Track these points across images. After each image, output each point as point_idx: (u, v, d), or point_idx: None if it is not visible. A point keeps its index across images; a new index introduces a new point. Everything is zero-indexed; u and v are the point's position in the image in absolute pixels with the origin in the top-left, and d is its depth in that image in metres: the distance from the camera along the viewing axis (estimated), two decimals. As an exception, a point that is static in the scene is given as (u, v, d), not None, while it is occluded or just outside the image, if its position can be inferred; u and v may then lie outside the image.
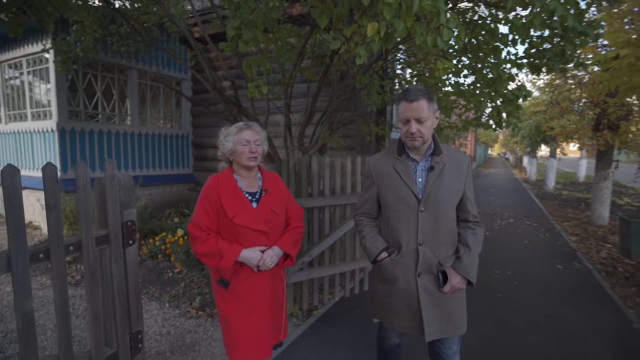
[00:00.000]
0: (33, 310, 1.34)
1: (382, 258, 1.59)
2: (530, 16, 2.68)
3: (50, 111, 5.14)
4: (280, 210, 1.77)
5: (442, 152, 1.56)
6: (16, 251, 1.27)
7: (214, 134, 7.32)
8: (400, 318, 1.60)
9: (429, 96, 1.47)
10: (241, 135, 1.69)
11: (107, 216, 1.57)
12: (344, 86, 4.09)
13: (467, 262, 1.52)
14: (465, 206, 1.59)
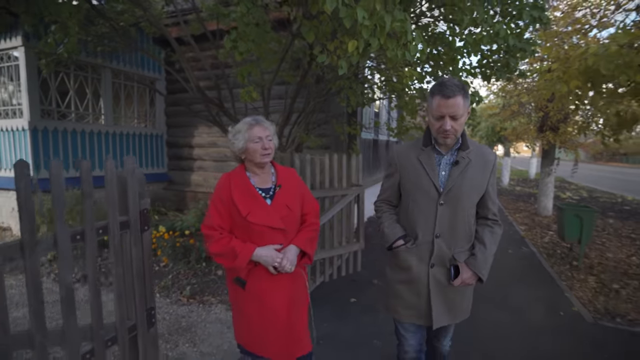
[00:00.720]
0: (72, 282, 1.56)
1: (398, 245, 1.59)
2: (480, 35, 3.16)
3: (21, 109, 5.05)
4: (296, 206, 1.71)
5: (469, 148, 1.53)
6: (61, 232, 1.49)
7: (189, 134, 7.44)
8: (406, 307, 1.61)
9: (465, 92, 1.42)
10: (252, 132, 1.63)
11: (128, 204, 1.80)
12: (320, 89, 4.44)
13: (481, 260, 1.52)
14: (486, 204, 1.58)
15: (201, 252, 4.04)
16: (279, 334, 1.66)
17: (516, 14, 3.10)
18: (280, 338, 1.67)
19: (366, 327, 2.87)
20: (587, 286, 3.81)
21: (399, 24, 2.17)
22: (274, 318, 1.65)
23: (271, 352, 1.68)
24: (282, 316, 1.66)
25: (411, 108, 4.48)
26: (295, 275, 1.70)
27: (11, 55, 5.10)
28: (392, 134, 6.07)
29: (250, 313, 1.67)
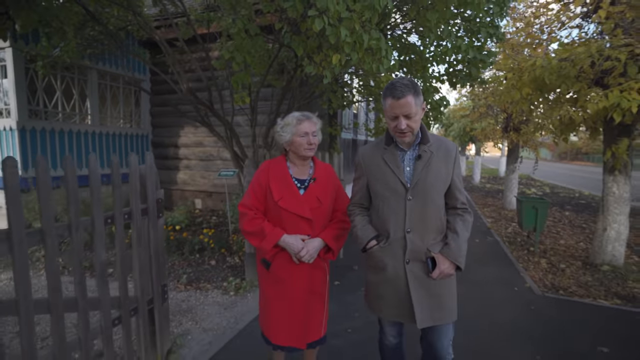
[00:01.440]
0: (106, 260, 1.86)
1: (371, 246, 1.61)
2: (445, 47, 3.62)
3: (8, 110, 5.12)
4: (327, 200, 1.76)
5: (430, 141, 1.55)
6: (97, 216, 1.78)
7: (174, 134, 7.63)
8: (390, 306, 1.61)
9: (415, 90, 1.44)
10: (300, 127, 1.70)
11: (147, 194, 2.10)
12: (303, 92, 4.80)
13: (455, 248, 1.52)
14: (453, 193, 1.59)
15: (194, 245, 4.31)
16: (293, 319, 1.73)
17: (475, 31, 3.58)
18: (293, 323, 1.73)
19: (348, 304, 3.26)
20: (540, 267, 4.36)
21: (374, 42, 2.57)
22: (290, 303, 1.72)
23: (283, 338, 1.75)
24: (298, 303, 1.73)
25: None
26: (316, 268, 1.76)
27: (-3, 55, 5.17)
28: (370, 134, 6.51)
29: (271, 295, 1.76)
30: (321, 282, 1.79)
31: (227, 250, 4.36)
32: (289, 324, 1.74)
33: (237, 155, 4.96)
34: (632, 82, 3.10)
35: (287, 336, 1.75)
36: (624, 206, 4.01)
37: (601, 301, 3.38)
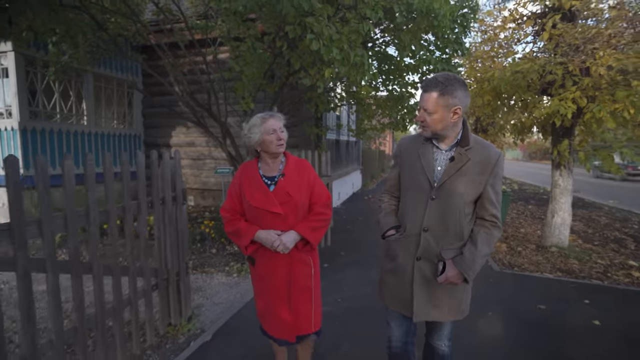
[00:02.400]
0: (147, 235, 2.30)
1: (389, 235, 1.63)
2: (418, 60, 4.21)
3: (10, 111, 5.35)
4: (298, 194, 1.77)
5: (470, 145, 1.49)
6: (142, 200, 2.22)
7: (166, 134, 7.99)
8: (392, 295, 1.64)
9: (443, 89, 1.41)
10: (267, 125, 1.74)
11: (176, 185, 2.55)
12: (293, 96, 5.29)
13: (468, 259, 1.47)
14: (484, 204, 1.51)
15: (195, 235, 4.72)
16: (278, 313, 1.80)
17: (443, 47, 4.19)
18: (280, 317, 1.81)
19: (337, 282, 3.78)
20: (500, 250, 5.03)
21: (359, 58, 3.11)
22: (273, 298, 1.81)
23: (273, 329, 1.85)
24: (281, 298, 1.79)
25: (368, 113, 5.48)
26: (300, 263, 1.81)
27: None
28: (352, 134, 7.08)
29: (259, 289, 1.88)
30: (306, 276, 1.81)
31: (225, 239, 4.80)
32: (276, 317, 1.81)
33: (232, 155, 5.39)
34: (567, 92, 3.78)
35: (276, 329, 1.83)
36: (568, 196, 4.73)
37: (546, 274, 4.06)
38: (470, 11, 4.12)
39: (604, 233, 6.07)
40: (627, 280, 3.88)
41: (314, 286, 1.84)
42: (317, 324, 1.88)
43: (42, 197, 1.63)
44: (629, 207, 8.89)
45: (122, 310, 2.10)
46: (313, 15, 2.75)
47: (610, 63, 3.44)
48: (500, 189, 1.53)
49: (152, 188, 2.34)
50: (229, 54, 5.71)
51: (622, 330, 2.80)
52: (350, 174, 10.42)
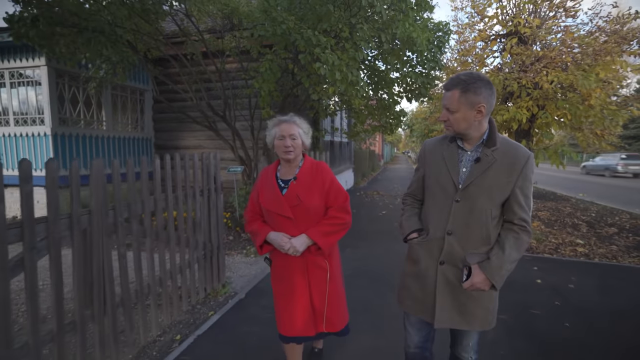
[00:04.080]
0: (199, 217, 3.06)
1: (411, 238, 1.59)
2: (402, 75, 5.05)
3: (42, 118, 6.00)
4: (309, 197, 1.75)
5: (496, 145, 1.44)
6: (197, 189, 2.98)
7: (175, 137, 8.78)
8: (413, 299, 1.59)
9: (465, 87, 1.37)
10: (278, 130, 1.75)
11: (216, 177, 3.31)
12: (296, 103, 6.08)
13: (495, 265, 1.41)
14: (512, 207, 1.44)
15: (213, 225, 5.46)
16: (298, 308, 1.82)
17: (422, 64, 5.04)
18: (300, 311, 1.82)
19: (338, 259, 4.59)
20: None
21: (355, 78, 3.91)
22: (293, 296, 1.82)
23: (291, 327, 1.85)
24: (303, 294, 1.81)
25: (361, 118, 6.31)
26: (315, 267, 1.81)
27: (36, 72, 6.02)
28: (346, 136, 7.89)
29: (277, 290, 1.91)
30: (321, 280, 1.81)
31: (240, 228, 5.55)
32: (296, 314, 1.83)
33: (242, 157, 6.13)
34: (522, 102, 4.67)
35: (295, 325, 1.83)
36: (529, 187, 5.64)
37: (509, 251, 4.93)
38: (444, 34, 4.97)
39: (565, 220, 7.01)
40: (571, 254, 4.78)
41: (329, 289, 1.84)
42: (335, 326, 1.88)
43: (97, 191, 2.37)
44: (592, 199, 9.94)
45: (183, 271, 2.86)
46: (319, 46, 3.55)
47: (552, 79, 4.33)
48: (530, 192, 1.45)
49: (204, 181, 3.10)
50: (235, 65, 6.49)
51: (556, 285, 3.67)
52: (343, 172, 11.25)
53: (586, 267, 4.28)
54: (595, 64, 4.23)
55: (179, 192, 2.77)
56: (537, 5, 5.02)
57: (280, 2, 3.91)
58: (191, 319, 2.97)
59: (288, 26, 3.53)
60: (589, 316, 2.99)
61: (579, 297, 3.39)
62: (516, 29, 4.87)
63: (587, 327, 2.81)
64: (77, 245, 1.89)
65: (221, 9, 4.41)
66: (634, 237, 5.65)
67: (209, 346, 2.55)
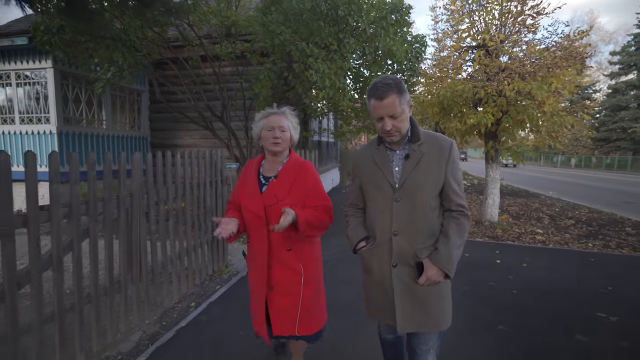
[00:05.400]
0: (211, 206, 3.56)
1: (360, 247, 1.57)
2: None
3: (48, 117, 6.34)
4: (287, 197, 1.70)
5: (421, 139, 1.47)
6: (207, 180, 3.48)
7: (171, 136, 9.23)
8: (378, 309, 1.58)
9: (399, 88, 1.38)
10: (268, 121, 1.70)
11: (222, 171, 3.81)
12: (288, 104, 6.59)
13: (445, 254, 1.42)
14: (448, 194, 1.47)
15: (212, 217, 5.94)
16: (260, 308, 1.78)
17: (401, 72, 5.64)
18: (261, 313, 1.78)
19: (323, 246, 5.13)
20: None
21: (342, 84, 4.48)
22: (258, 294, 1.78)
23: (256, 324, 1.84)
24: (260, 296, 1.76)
25: (347, 120, 6.89)
26: (288, 268, 1.75)
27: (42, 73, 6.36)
28: (333, 137, 8.45)
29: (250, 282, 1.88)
30: (294, 283, 1.75)
31: (236, 220, 6.03)
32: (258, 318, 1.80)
33: (236, 155, 6.62)
34: (488, 107, 5.33)
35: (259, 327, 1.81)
36: (496, 183, 6.31)
37: (477, 239, 5.59)
38: (421, 46, 5.59)
39: (531, 214, 7.76)
40: (530, 241, 5.47)
41: (303, 293, 1.77)
42: (309, 329, 1.81)
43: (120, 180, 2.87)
44: (560, 196, 10.81)
45: (196, 250, 3.36)
46: (312, 57, 4.09)
47: (514, 87, 4.99)
48: (460, 178, 1.50)
49: (212, 174, 3.60)
50: (229, 68, 6.97)
51: (511, 265, 4.32)
52: (330, 171, 11.83)
53: (540, 251, 4.97)
54: (549, 75, 4.92)
55: (193, 182, 3.27)
56: (502, 21, 5.70)
57: (276, 17, 4.43)
58: (201, 291, 3.47)
59: (285, 38, 4.06)
60: (533, 286, 3.63)
61: (528, 273, 4.04)
62: (484, 42, 5.52)
63: (530, 293, 3.44)
64: (122, 221, 2.38)
65: (222, 21, 4.88)
66: (587, 227, 6.41)
67: (220, 310, 3.06)
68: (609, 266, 4.28)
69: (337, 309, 3.01)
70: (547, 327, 2.77)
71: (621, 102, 32.27)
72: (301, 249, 1.77)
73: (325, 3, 3.95)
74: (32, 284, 1.80)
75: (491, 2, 5.49)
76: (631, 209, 8.54)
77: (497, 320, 2.85)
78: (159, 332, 2.71)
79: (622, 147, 32.50)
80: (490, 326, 2.78)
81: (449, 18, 6.11)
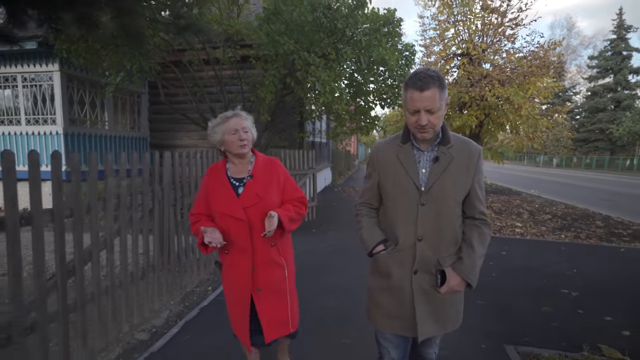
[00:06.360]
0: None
1: (378, 251, 1.47)
2: (377, 87, 6.09)
3: (54, 118, 6.57)
4: (268, 194, 1.70)
5: (451, 142, 1.39)
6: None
7: (170, 137, 9.55)
8: (389, 316, 1.48)
9: (441, 82, 1.28)
10: (228, 125, 1.67)
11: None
12: (286, 108, 6.99)
13: (469, 264, 1.37)
14: (472, 202, 1.42)
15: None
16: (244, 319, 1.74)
17: (392, 77, 6.10)
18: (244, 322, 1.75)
19: (322, 239, 5.54)
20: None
21: (340, 90, 4.89)
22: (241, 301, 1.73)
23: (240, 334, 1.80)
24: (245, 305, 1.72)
25: (342, 122, 7.31)
26: (272, 265, 1.73)
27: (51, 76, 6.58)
28: (327, 137, 8.87)
29: (226, 296, 1.82)
30: (280, 279, 1.75)
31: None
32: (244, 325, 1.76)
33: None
34: (472, 111, 5.83)
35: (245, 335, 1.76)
36: (480, 181, 6.84)
37: (462, 231, 6.07)
38: (411, 54, 6.06)
39: (512, 210, 8.32)
40: (510, 234, 5.99)
41: (289, 287, 1.79)
42: (294, 325, 1.83)
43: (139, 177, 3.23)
44: (541, 194, 11.48)
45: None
46: (313, 65, 4.49)
47: (494, 93, 5.50)
48: (483, 185, 1.46)
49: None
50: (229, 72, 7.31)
51: (492, 253, 4.80)
52: (322, 170, 12.24)
53: (518, 242, 5.48)
54: (525, 82, 5.45)
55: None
56: (484, 32, 6.22)
57: (278, 27, 4.81)
58: (215, 277, 3.84)
59: (288, 48, 4.45)
60: (509, 270, 4.12)
61: (506, 260, 4.53)
62: (468, 51, 6.03)
63: (506, 275, 3.93)
64: (156, 211, 2.74)
65: (226, 30, 5.23)
66: (562, 221, 6.99)
67: (236, 293, 3.44)
68: (576, 253, 4.81)
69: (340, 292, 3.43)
70: (518, 301, 3.24)
71: (599, 104, 33.68)
72: (283, 242, 1.79)
73: (325, 17, 4.36)
74: (92, 261, 2.15)
75: (474, 15, 6.01)
76: (606, 205, 9.20)
77: (478, 297, 3.30)
78: (183, 310, 3.08)
79: (600, 148, 33.91)
80: (472, 301, 3.24)
81: (436, 26, 6.61)
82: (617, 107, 32.91)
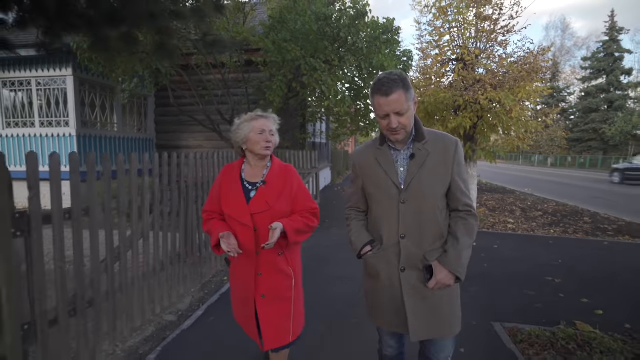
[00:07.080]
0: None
1: (365, 252, 1.52)
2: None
3: (67, 121, 6.86)
4: (279, 203, 1.67)
5: (426, 138, 1.42)
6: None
7: (175, 138, 9.90)
8: (385, 316, 1.51)
9: (404, 83, 1.32)
10: (257, 124, 1.67)
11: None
12: (290, 110, 7.31)
13: (454, 256, 1.38)
14: (455, 195, 1.43)
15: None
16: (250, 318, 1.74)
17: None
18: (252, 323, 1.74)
19: (322, 236, 5.86)
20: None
21: (343, 94, 5.22)
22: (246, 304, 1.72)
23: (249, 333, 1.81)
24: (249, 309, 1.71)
25: (343, 124, 7.65)
26: (279, 273, 1.70)
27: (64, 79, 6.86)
28: (328, 138, 9.19)
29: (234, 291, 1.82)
30: (286, 288, 1.73)
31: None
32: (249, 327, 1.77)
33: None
34: (466, 113, 6.17)
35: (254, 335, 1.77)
36: (474, 179, 7.18)
37: (457, 227, 6.41)
38: (408, 59, 6.41)
39: (505, 207, 8.69)
40: (502, 229, 6.35)
41: (294, 296, 1.76)
42: (295, 333, 1.79)
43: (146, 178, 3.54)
44: (534, 192, 11.87)
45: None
46: (319, 70, 4.82)
47: (487, 96, 5.85)
48: (466, 176, 1.47)
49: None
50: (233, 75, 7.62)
51: (485, 246, 5.15)
52: (323, 170, 12.57)
53: (510, 237, 5.84)
54: (515, 86, 5.80)
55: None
56: (478, 38, 6.56)
57: (284, 35, 5.13)
58: (230, 269, 4.16)
59: (295, 54, 4.78)
60: (500, 261, 4.46)
61: (498, 252, 4.88)
62: (462, 56, 6.37)
63: (497, 265, 4.27)
64: (182, 206, 3.06)
65: (234, 37, 5.54)
66: (552, 217, 7.36)
67: (250, 282, 3.76)
68: (563, 246, 5.17)
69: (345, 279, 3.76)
70: (506, 287, 3.58)
71: (592, 105, 34.25)
72: (291, 251, 1.75)
73: (329, 27, 4.69)
74: (133, 249, 2.47)
75: (468, 23, 6.35)
76: (596, 203, 9.60)
77: (471, 284, 3.64)
78: (204, 297, 3.39)
79: (594, 147, 34.46)
80: (465, 288, 3.57)
81: (432, 32, 6.95)
82: (610, 108, 33.49)
